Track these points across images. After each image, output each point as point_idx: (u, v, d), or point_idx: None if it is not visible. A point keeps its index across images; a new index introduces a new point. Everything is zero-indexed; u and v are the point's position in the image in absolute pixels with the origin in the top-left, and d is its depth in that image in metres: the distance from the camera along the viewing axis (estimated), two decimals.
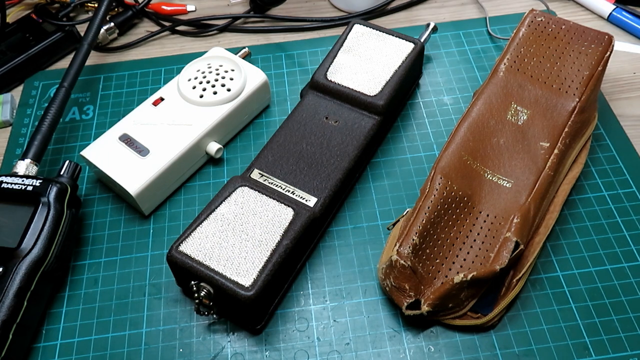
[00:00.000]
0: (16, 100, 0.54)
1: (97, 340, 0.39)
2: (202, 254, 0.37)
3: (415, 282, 0.36)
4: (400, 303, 0.37)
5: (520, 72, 0.44)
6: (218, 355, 0.38)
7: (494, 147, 0.41)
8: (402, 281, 0.36)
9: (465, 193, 0.39)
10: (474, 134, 0.42)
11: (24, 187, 0.40)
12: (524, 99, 0.43)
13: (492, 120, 0.42)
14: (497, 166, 0.41)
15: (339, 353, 0.38)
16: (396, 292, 0.37)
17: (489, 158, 0.41)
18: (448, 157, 0.40)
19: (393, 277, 0.36)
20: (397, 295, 0.37)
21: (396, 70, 0.46)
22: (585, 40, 0.45)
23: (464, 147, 0.41)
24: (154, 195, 0.44)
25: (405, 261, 0.36)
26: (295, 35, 0.58)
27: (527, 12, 0.47)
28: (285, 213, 0.38)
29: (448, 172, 0.40)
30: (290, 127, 0.44)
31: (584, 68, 0.43)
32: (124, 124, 0.46)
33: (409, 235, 0.37)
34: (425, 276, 0.37)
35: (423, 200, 0.38)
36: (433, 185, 0.39)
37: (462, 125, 0.42)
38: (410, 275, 0.36)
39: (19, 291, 0.36)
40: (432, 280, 0.37)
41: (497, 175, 0.40)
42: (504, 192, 0.40)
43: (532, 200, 0.39)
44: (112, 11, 0.60)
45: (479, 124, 0.42)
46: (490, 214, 0.39)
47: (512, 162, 0.41)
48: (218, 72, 0.48)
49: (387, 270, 0.37)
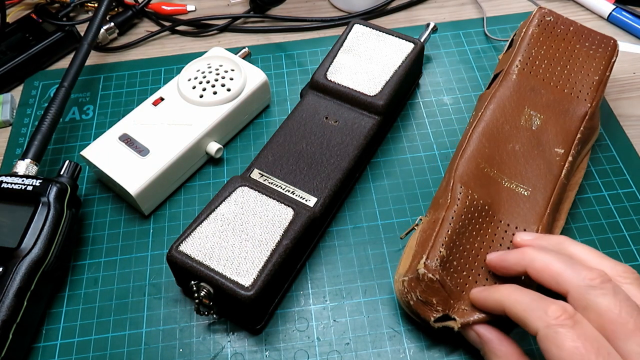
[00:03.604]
0: (16, 100, 0.54)
1: (97, 340, 0.39)
2: (202, 254, 0.37)
3: (444, 296, 0.35)
4: (427, 317, 0.35)
5: (532, 75, 0.43)
6: (218, 355, 0.38)
7: (510, 154, 0.40)
8: (430, 295, 0.35)
9: (485, 202, 0.38)
10: (489, 139, 0.40)
11: (24, 187, 0.40)
12: (537, 103, 0.42)
13: (507, 126, 0.41)
14: (514, 173, 0.39)
15: (339, 353, 0.38)
16: (422, 305, 0.35)
17: (506, 165, 0.39)
18: (465, 165, 0.39)
19: (420, 291, 0.35)
20: (424, 309, 0.35)
21: (396, 70, 0.46)
22: (592, 43, 0.44)
23: (480, 153, 0.40)
24: (154, 195, 0.44)
25: (433, 275, 0.34)
26: (295, 35, 0.58)
27: (535, 10, 0.45)
28: (285, 213, 0.38)
29: (467, 181, 0.38)
30: (290, 127, 0.44)
31: (594, 73, 0.42)
32: (124, 124, 0.46)
33: (435, 247, 0.35)
34: (454, 289, 0.35)
35: (446, 211, 0.37)
36: (454, 195, 0.37)
37: (477, 131, 0.40)
38: (438, 289, 0.34)
39: (19, 291, 0.36)
40: (461, 294, 0.35)
41: (515, 183, 0.39)
42: (522, 200, 0.38)
43: (550, 210, 0.38)
44: (112, 11, 0.60)
45: (493, 129, 0.41)
46: (511, 223, 0.38)
47: (528, 168, 0.39)
48: (218, 72, 0.48)
49: (413, 284, 0.35)
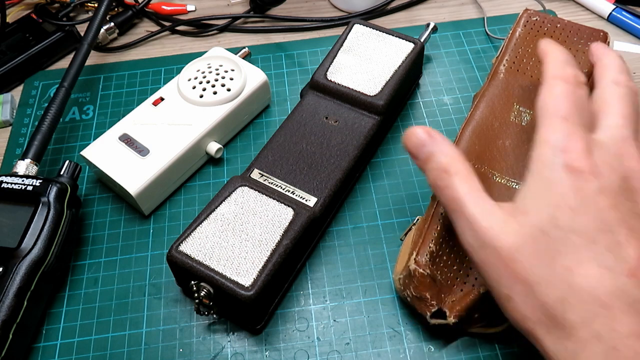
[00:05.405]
0: (16, 100, 0.54)
1: (97, 340, 0.39)
2: (202, 254, 0.37)
3: (436, 291, 0.35)
4: (424, 312, 0.36)
5: (520, 72, 0.44)
6: (218, 355, 0.38)
7: (500, 150, 0.41)
8: (423, 290, 0.35)
9: None
10: (479, 137, 0.41)
11: (24, 187, 0.40)
12: (526, 100, 0.43)
13: (496, 123, 0.42)
14: (504, 168, 0.40)
15: (339, 353, 0.38)
16: (418, 301, 0.36)
17: (496, 160, 0.40)
18: None
19: (413, 287, 0.36)
20: (419, 305, 0.36)
21: (396, 70, 0.46)
22: (581, 37, 0.45)
23: (471, 151, 0.40)
24: (154, 195, 0.44)
25: (424, 270, 0.35)
26: (295, 35, 0.58)
27: (522, 12, 0.47)
28: (285, 213, 0.38)
29: None
30: (290, 127, 0.44)
31: (583, 66, 0.43)
32: (124, 124, 0.46)
33: (425, 243, 0.36)
34: (445, 284, 0.36)
35: (435, 207, 0.38)
36: None
37: (466, 130, 0.41)
38: (430, 283, 0.35)
39: (19, 291, 0.36)
40: (452, 288, 0.36)
41: (506, 178, 0.39)
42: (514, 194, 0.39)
43: None
44: (112, 11, 0.60)
45: (483, 127, 0.42)
46: None
47: (519, 163, 0.40)
48: (218, 72, 0.48)
49: (406, 281, 0.36)
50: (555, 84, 0.32)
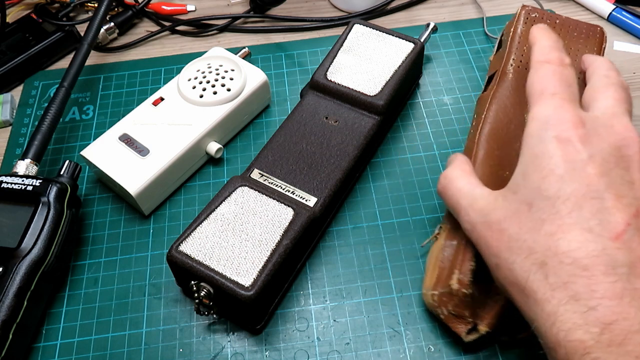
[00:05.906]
0: (16, 100, 0.54)
1: (97, 340, 0.39)
2: (202, 254, 0.37)
3: (474, 307, 0.35)
4: (460, 332, 0.35)
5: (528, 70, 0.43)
6: (218, 355, 0.38)
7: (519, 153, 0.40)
8: (463, 309, 0.35)
9: None
10: (497, 142, 0.40)
11: (24, 187, 0.40)
12: None
13: (512, 125, 0.41)
14: None
15: (339, 353, 0.38)
16: (454, 319, 0.35)
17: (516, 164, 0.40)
18: (479, 171, 0.39)
19: (453, 305, 0.35)
20: (454, 321, 0.35)
21: (396, 70, 0.46)
22: (581, 33, 0.45)
23: (491, 157, 0.39)
24: (154, 195, 0.44)
25: (467, 289, 0.34)
26: (295, 35, 0.58)
27: (519, 9, 0.46)
28: (285, 213, 0.38)
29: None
30: (290, 127, 0.44)
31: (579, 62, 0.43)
32: (124, 124, 0.46)
33: (466, 261, 0.35)
34: (481, 299, 0.35)
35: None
36: None
37: (483, 135, 0.40)
38: (470, 302, 0.35)
39: (19, 291, 0.36)
40: (485, 300, 0.35)
41: None
42: None
43: None
44: (112, 11, 0.60)
45: (499, 131, 0.41)
46: None
47: None
48: (218, 72, 0.48)
49: (444, 298, 0.35)
50: (540, 67, 0.33)
